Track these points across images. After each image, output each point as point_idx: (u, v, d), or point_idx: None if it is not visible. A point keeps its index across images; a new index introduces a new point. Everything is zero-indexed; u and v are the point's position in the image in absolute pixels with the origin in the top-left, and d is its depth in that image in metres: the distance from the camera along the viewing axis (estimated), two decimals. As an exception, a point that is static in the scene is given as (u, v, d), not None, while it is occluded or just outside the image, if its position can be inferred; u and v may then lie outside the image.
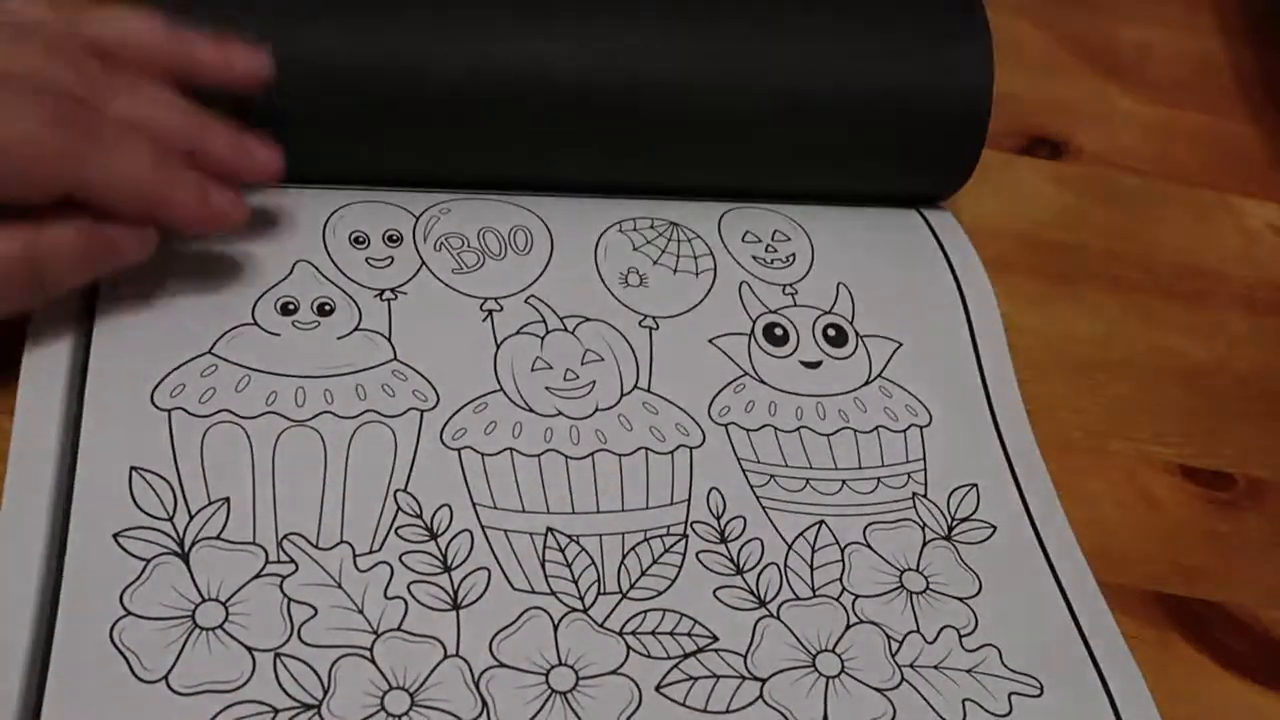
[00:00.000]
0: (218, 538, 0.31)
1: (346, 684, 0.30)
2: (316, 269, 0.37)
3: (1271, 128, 0.53)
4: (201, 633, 0.30)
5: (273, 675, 0.30)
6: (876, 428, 0.38)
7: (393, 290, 0.37)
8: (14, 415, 0.32)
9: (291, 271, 0.37)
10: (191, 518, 0.31)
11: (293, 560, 0.31)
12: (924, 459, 0.37)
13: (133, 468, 0.32)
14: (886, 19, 0.41)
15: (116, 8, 0.34)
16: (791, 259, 0.41)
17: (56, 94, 0.30)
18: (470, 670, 0.31)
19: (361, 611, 0.31)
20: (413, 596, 0.32)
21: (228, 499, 0.32)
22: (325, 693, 0.29)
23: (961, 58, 0.41)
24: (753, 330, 0.39)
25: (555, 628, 0.32)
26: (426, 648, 0.31)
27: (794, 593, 0.34)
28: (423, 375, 0.35)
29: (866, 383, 0.39)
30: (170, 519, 0.31)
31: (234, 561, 0.31)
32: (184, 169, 0.33)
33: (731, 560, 0.34)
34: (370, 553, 0.32)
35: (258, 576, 0.31)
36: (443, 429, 0.35)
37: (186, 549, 0.31)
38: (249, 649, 0.30)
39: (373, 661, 0.30)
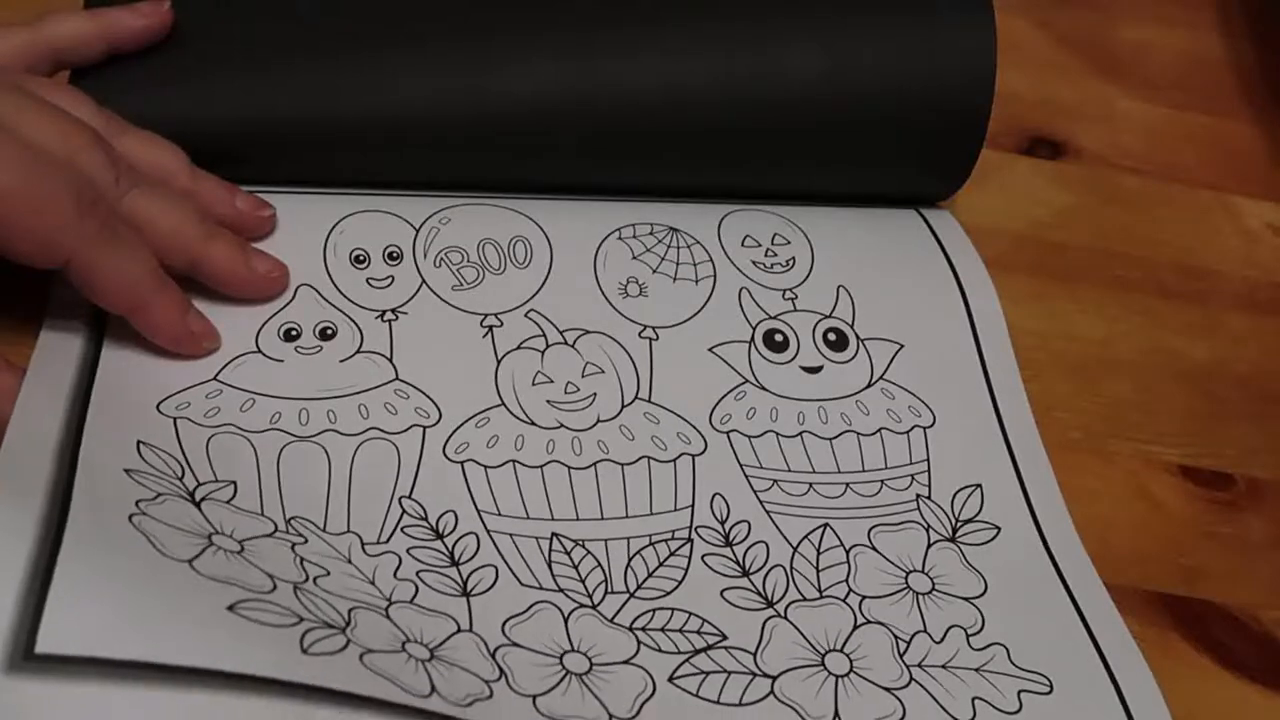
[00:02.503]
0: (228, 503, 0.32)
1: (366, 625, 0.30)
2: (318, 293, 0.37)
3: (1272, 128, 0.53)
4: (219, 550, 0.30)
5: (294, 597, 0.29)
6: (879, 430, 0.38)
7: (394, 311, 0.37)
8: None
9: (294, 297, 0.37)
10: (199, 485, 0.32)
11: (302, 535, 0.32)
12: (928, 460, 0.38)
13: (140, 441, 0.32)
14: (887, 17, 0.41)
15: (151, 134, 0.36)
16: (791, 263, 0.41)
17: (88, 179, 0.32)
18: (486, 644, 0.31)
19: (373, 583, 0.31)
20: (422, 581, 0.32)
21: (235, 482, 0.32)
22: (348, 624, 0.29)
23: (963, 55, 0.41)
24: (753, 337, 0.39)
25: (565, 620, 0.32)
26: (441, 619, 0.31)
27: (800, 594, 0.34)
28: (424, 393, 0.36)
29: (868, 385, 0.39)
30: (179, 478, 0.32)
31: (245, 520, 0.31)
32: (173, 287, 0.34)
33: (737, 563, 0.34)
34: (378, 543, 0.32)
35: (269, 536, 0.31)
36: (445, 443, 0.35)
37: (198, 501, 0.31)
38: (269, 574, 0.30)
39: (389, 619, 0.30)
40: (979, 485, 0.37)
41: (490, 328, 0.38)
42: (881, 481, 0.37)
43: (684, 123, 0.40)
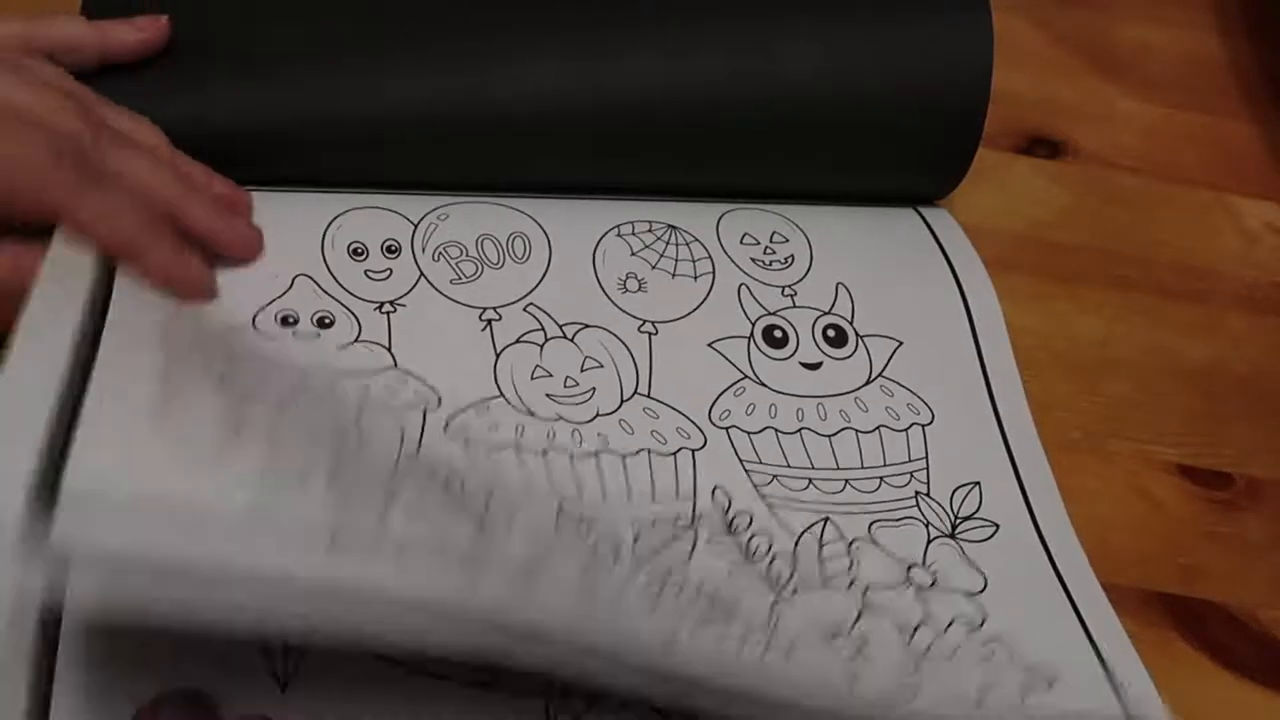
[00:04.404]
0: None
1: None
2: (316, 283, 0.37)
3: (1271, 128, 0.53)
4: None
5: None
6: (878, 427, 0.38)
7: (391, 303, 0.37)
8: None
9: (291, 286, 0.37)
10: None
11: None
12: (926, 458, 0.38)
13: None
14: (885, 15, 0.41)
15: (128, 111, 0.37)
16: (790, 260, 0.41)
17: (66, 135, 0.33)
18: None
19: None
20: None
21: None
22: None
23: (959, 52, 0.41)
24: (752, 333, 0.39)
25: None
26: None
27: (804, 581, 0.34)
28: (424, 382, 0.36)
29: (867, 382, 0.39)
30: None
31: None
32: (167, 229, 0.34)
33: (740, 549, 0.34)
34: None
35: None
36: (446, 424, 0.35)
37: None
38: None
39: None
40: (977, 483, 0.37)
41: (489, 321, 0.37)
42: (880, 478, 0.37)
43: (682, 122, 0.40)
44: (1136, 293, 0.45)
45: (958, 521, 0.36)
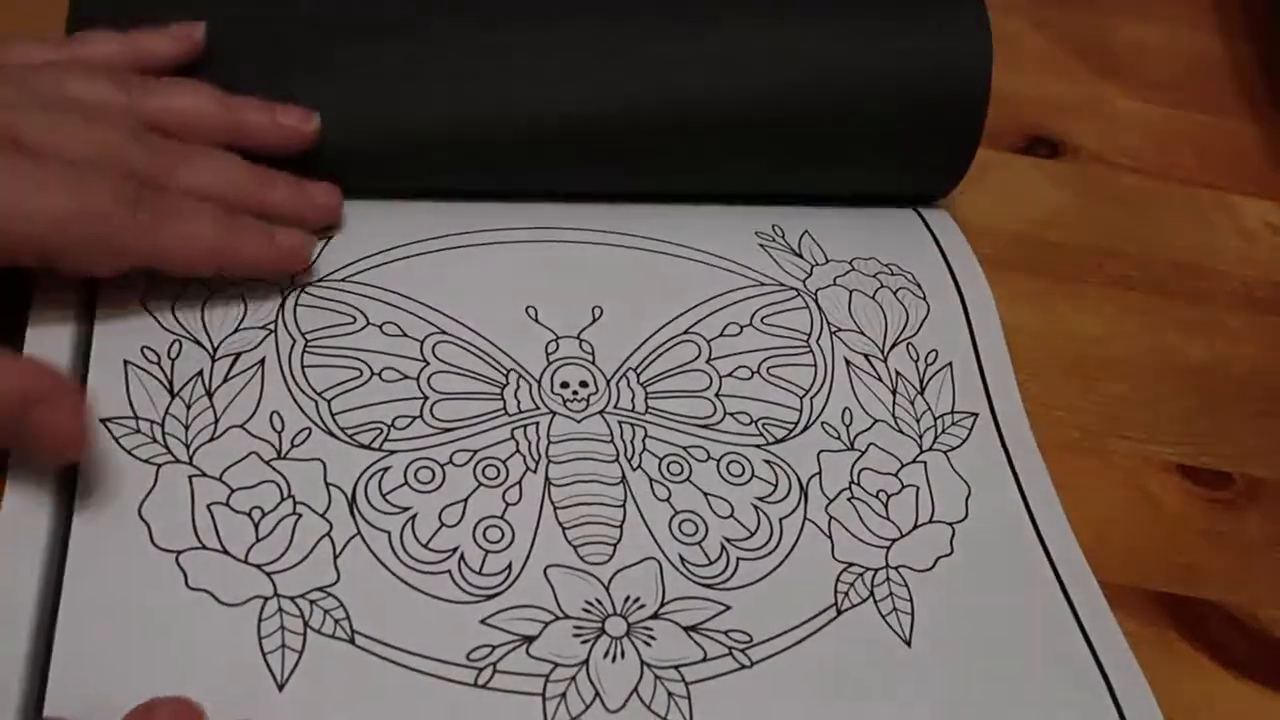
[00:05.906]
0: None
1: None
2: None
3: (1271, 127, 0.53)
4: None
5: None
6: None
7: None
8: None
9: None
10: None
11: None
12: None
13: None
14: (884, 14, 0.41)
15: (172, 81, 0.36)
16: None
17: (124, 171, 0.33)
18: None
19: None
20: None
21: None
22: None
23: (959, 51, 0.41)
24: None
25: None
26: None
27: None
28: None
29: (865, 383, 0.39)
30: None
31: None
32: (248, 220, 0.35)
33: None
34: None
35: None
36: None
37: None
38: None
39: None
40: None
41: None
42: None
43: (679, 124, 0.40)
44: (1136, 292, 0.45)
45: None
